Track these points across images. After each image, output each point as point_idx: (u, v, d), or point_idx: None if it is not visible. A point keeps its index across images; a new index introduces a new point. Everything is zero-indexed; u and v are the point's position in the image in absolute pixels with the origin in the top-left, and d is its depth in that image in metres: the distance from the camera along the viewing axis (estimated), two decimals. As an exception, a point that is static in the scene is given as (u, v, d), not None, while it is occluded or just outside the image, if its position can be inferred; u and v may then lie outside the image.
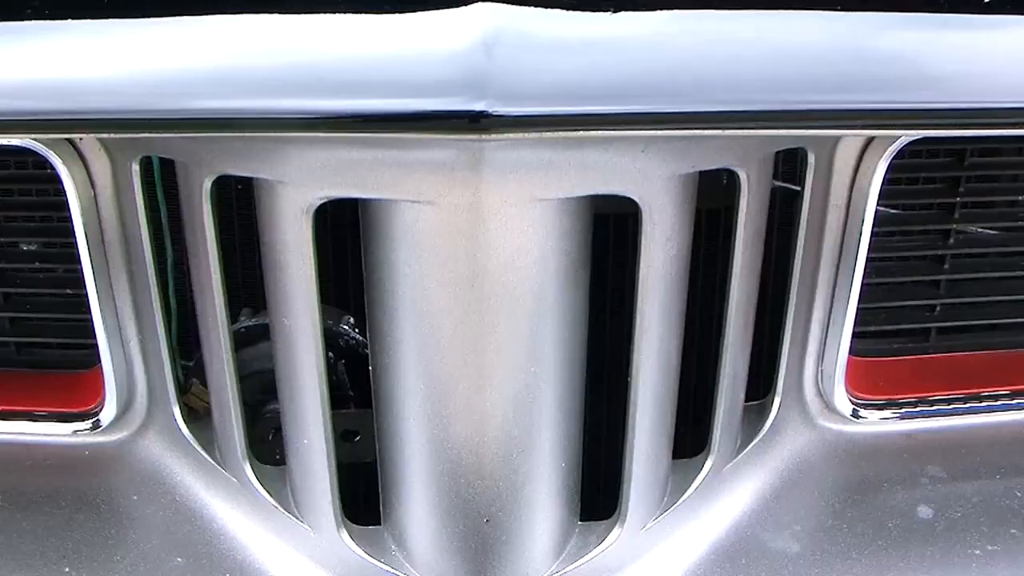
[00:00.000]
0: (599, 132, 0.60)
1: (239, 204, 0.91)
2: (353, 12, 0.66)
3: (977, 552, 0.85)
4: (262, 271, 0.72)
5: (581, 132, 0.59)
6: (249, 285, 0.92)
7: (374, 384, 0.75)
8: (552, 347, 0.70)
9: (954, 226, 0.93)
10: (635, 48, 0.62)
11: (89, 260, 0.81)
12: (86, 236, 0.80)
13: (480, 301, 0.66)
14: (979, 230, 0.96)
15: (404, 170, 0.61)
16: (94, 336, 0.85)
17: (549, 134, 0.59)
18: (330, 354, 0.85)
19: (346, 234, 0.86)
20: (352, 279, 0.88)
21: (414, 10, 0.65)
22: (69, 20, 0.68)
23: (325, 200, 0.64)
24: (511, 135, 0.58)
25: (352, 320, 0.93)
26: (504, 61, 0.59)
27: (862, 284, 0.85)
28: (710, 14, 0.67)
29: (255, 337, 0.92)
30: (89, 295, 0.83)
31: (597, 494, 0.83)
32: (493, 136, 0.57)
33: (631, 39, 0.63)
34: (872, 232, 0.82)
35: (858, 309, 0.86)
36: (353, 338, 0.92)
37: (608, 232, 0.80)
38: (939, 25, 0.70)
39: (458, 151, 0.59)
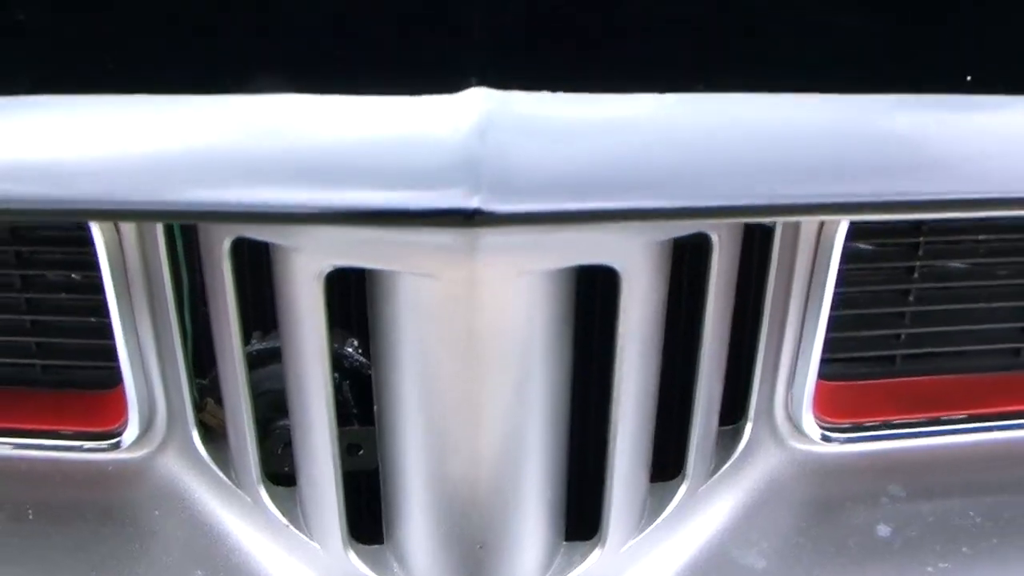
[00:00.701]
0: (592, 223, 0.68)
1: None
2: (346, 93, 0.74)
3: (929, 569, 0.95)
4: (277, 321, 0.80)
5: (574, 225, 0.67)
6: (258, 308, 1.00)
7: (379, 423, 0.83)
8: (539, 394, 0.79)
9: (918, 263, 1.01)
10: (633, 147, 0.69)
11: (113, 289, 0.89)
12: (110, 267, 0.88)
13: (474, 358, 0.74)
14: (944, 264, 1.04)
15: (406, 248, 0.70)
16: (116, 360, 0.93)
17: (542, 227, 0.67)
18: (336, 375, 0.94)
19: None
20: (355, 302, 0.96)
21: (410, 91, 0.73)
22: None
23: (335, 268, 0.73)
24: (504, 229, 0.66)
25: (356, 342, 1.01)
26: (498, 157, 0.67)
27: (830, 316, 0.93)
28: (702, 98, 0.75)
29: (265, 359, 1.00)
30: (112, 323, 0.91)
31: (580, 517, 0.92)
32: (487, 230, 0.65)
33: (630, 135, 0.70)
34: (840, 268, 0.91)
35: (826, 339, 0.95)
36: (357, 360, 1.00)
37: (591, 288, 0.89)
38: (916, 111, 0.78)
39: (455, 237, 0.68)
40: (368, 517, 0.92)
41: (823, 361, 0.96)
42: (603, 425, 0.85)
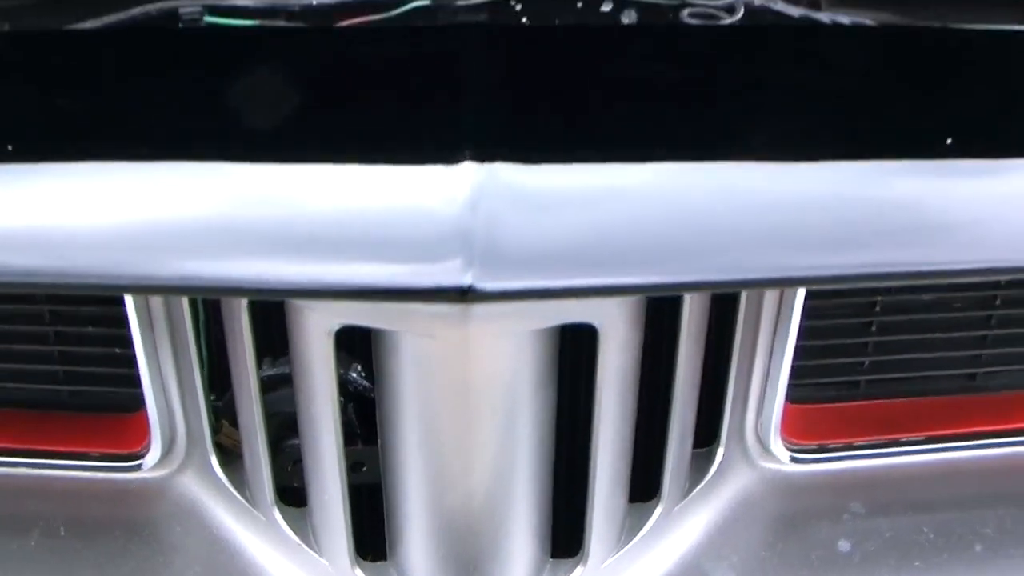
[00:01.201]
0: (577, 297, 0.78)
1: None
2: (345, 164, 0.83)
3: (883, 582, 1.05)
4: (292, 371, 0.90)
5: (561, 299, 0.77)
6: (268, 336, 1.09)
7: (383, 457, 0.93)
8: (526, 434, 0.88)
9: (880, 297, 1.11)
10: (616, 221, 0.78)
11: (136, 323, 0.99)
12: (134, 304, 0.98)
13: (468, 403, 0.84)
14: (904, 298, 1.14)
15: (407, 312, 0.79)
16: (140, 386, 1.03)
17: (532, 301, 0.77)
18: (341, 398, 1.03)
19: None
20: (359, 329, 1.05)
21: (406, 164, 0.82)
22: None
23: (344, 326, 0.83)
24: (496, 303, 0.75)
25: (360, 367, 1.11)
26: (490, 231, 0.76)
27: (796, 345, 1.03)
28: (682, 169, 0.84)
29: (277, 384, 1.10)
30: (136, 352, 1.01)
31: (565, 536, 1.02)
32: (480, 304, 0.75)
33: (614, 208, 0.79)
34: (805, 303, 1.00)
35: (793, 367, 1.05)
36: (361, 384, 1.10)
37: (574, 337, 0.98)
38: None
39: (451, 307, 0.77)
40: (373, 536, 1.02)
41: (791, 386, 1.06)
42: (585, 455, 0.95)
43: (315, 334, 0.84)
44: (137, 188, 0.86)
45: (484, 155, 0.83)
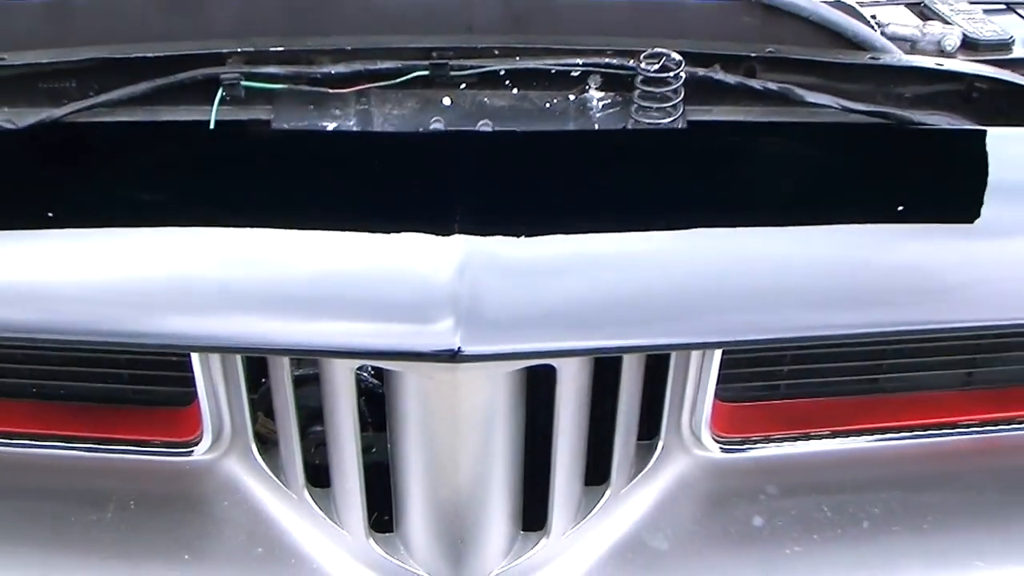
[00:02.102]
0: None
1: None
2: (346, 231, 1.10)
3: (787, 551, 1.34)
4: (321, 391, 1.19)
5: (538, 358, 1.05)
6: None
7: (392, 459, 1.23)
8: (502, 441, 1.17)
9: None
10: (586, 288, 1.06)
11: None
12: None
13: (457, 421, 1.13)
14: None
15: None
16: (194, 385, 1.32)
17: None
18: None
19: None
20: None
21: (402, 234, 1.09)
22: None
23: (363, 366, 1.11)
24: (481, 364, 1.04)
25: (371, 368, 1.39)
26: (476, 299, 1.04)
27: (723, 357, 1.32)
28: (651, 240, 1.12)
29: (304, 381, 1.38)
30: (191, 358, 1.29)
31: (533, 514, 1.32)
32: (466, 365, 1.04)
33: (587, 276, 1.07)
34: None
35: (720, 373, 1.33)
36: (372, 381, 1.39)
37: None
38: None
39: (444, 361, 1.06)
40: (383, 514, 1.32)
41: (719, 389, 1.35)
42: (548, 451, 1.24)
43: (339, 371, 1.13)
44: (183, 259, 1.15)
45: (471, 229, 1.11)
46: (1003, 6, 1.92)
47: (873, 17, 1.77)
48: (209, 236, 1.19)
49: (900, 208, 1.30)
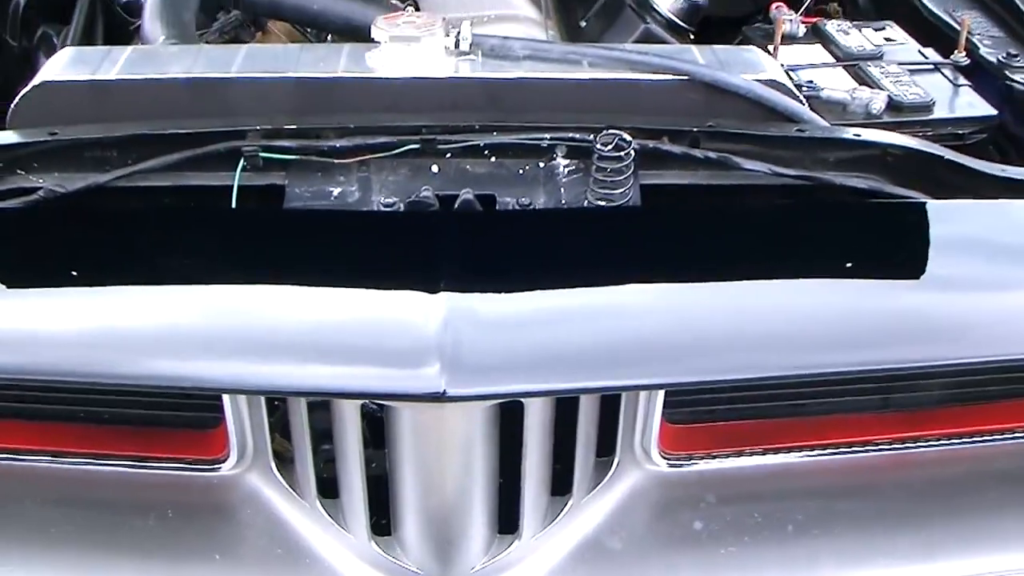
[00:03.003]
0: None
1: None
2: (349, 288, 1.40)
3: (722, 552, 1.63)
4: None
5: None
6: None
7: (390, 476, 1.52)
8: (481, 464, 1.47)
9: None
10: (553, 339, 1.35)
11: None
12: None
13: (443, 443, 1.42)
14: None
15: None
16: (222, 411, 1.61)
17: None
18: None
19: None
20: None
21: (397, 290, 1.39)
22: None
23: (367, 403, 1.41)
24: (463, 403, 1.34)
25: None
26: (462, 350, 1.33)
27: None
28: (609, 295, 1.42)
29: (316, 407, 1.66)
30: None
31: (507, 519, 1.61)
32: (451, 404, 1.33)
33: (554, 328, 1.37)
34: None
35: (666, 400, 1.63)
36: (371, 405, 1.68)
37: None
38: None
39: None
40: (383, 520, 1.61)
41: (666, 413, 1.64)
42: (518, 467, 1.54)
43: (346, 407, 1.43)
44: (215, 314, 1.44)
45: (454, 289, 1.41)
46: (931, 67, 2.23)
47: (810, 82, 2.07)
48: (236, 294, 1.49)
49: (825, 262, 1.59)
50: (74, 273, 1.57)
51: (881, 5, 2.65)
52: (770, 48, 2.16)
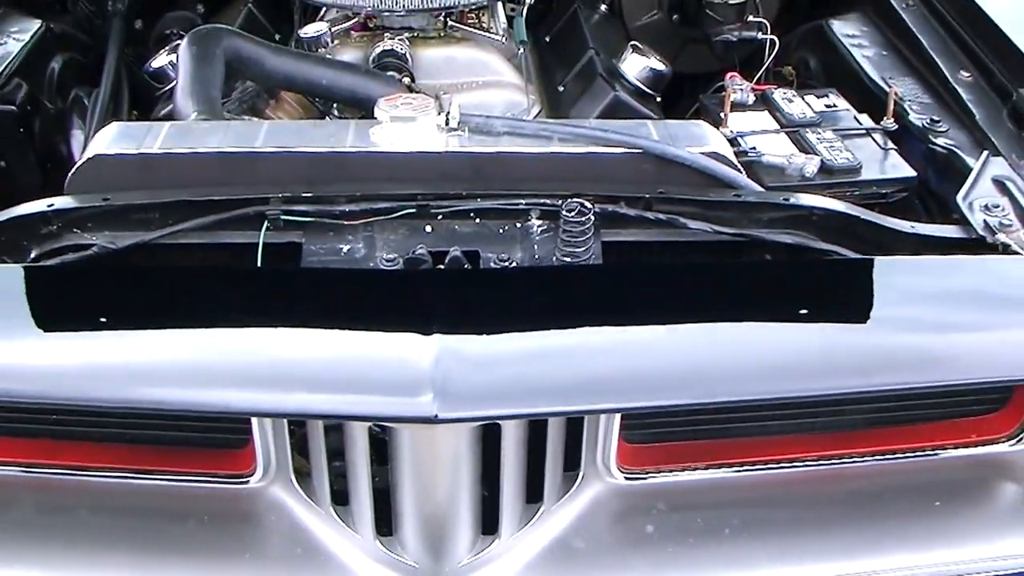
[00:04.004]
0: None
1: None
2: (343, 329, 1.79)
3: (669, 550, 2.00)
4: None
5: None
6: None
7: (391, 481, 1.90)
8: (467, 475, 1.84)
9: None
10: (525, 374, 1.74)
11: None
12: None
13: (436, 462, 1.80)
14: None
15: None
16: (251, 433, 1.98)
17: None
18: (362, 441, 2.00)
19: None
20: None
21: (395, 331, 1.78)
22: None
23: (372, 426, 1.79)
24: (451, 424, 1.72)
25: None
26: (450, 382, 1.71)
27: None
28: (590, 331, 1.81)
29: (330, 429, 2.04)
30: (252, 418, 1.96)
31: (489, 521, 1.98)
32: (441, 425, 1.72)
33: (529, 366, 1.75)
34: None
35: (622, 423, 2.00)
36: (376, 429, 2.06)
37: None
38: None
39: (426, 422, 1.73)
40: (387, 521, 1.99)
41: (624, 433, 2.02)
42: (498, 478, 1.91)
43: (355, 429, 1.81)
44: (250, 352, 1.83)
45: (445, 331, 1.79)
46: (864, 132, 2.63)
47: (754, 148, 2.47)
48: (265, 336, 1.86)
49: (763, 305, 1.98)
50: (125, 317, 1.95)
51: (829, 71, 3.06)
52: (722, 114, 2.56)
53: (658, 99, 2.96)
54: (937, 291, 1.98)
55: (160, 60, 2.88)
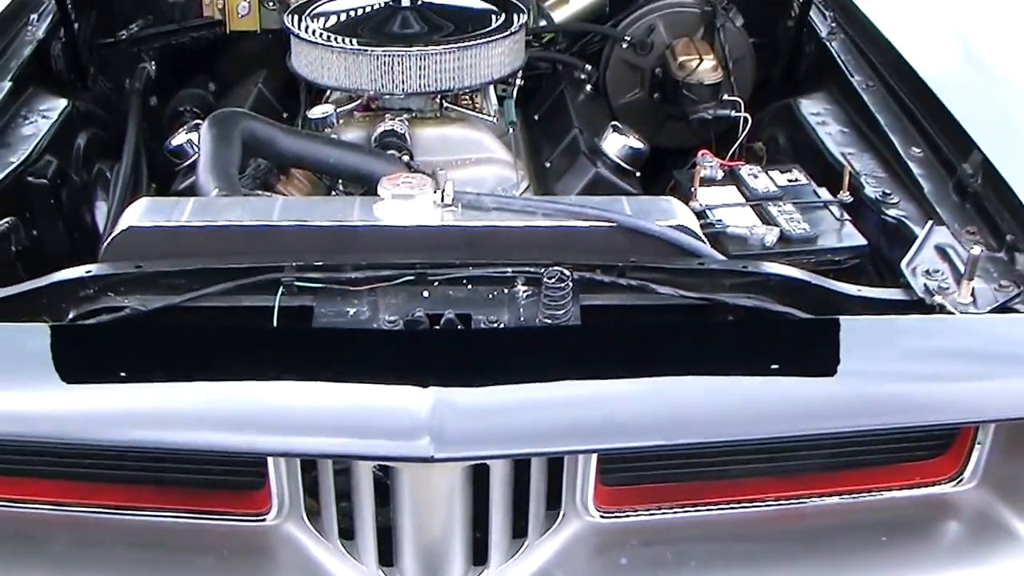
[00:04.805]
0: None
1: None
2: (351, 382, 2.11)
3: (642, 581, 2.30)
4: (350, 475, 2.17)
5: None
6: None
7: (392, 516, 2.20)
8: (460, 510, 2.13)
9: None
10: (505, 423, 2.05)
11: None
12: None
13: (432, 498, 2.10)
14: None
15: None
16: (267, 476, 2.28)
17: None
18: (366, 483, 2.30)
19: None
20: None
21: (397, 384, 2.09)
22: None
23: (375, 470, 2.09)
24: (445, 464, 2.03)
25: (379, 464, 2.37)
26: (444, 428, 2.02)
27: (599, 459, 2.29)
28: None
29: (339, 472, 2.34)
30: (268, 461, 2.26)
31: (479, 554, 2.27)
32: (436, 464, 2.02)
33: (511, 417, 2.06)
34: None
35: (599, 468, 2.30)
36: (379, 473, 2.36)
37: None
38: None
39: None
40: (388, 554, 2.28)
41: (600, 476, 2.32)
42: (487, 514, 2.21)
43: (361, 467, 2.12)
44: (270, 401, 2.15)
45: (440, 385, 2.10)
46: (821, 204, 2.96)
47: (719, 220, 2.80)
48: (281, 388, 2.15)
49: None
50: (157, 370, 2.25)
51: (796, 146, 3.40)
52: (692, 189, 2.90)
53: (637, 174, 3.29)
54: (876, 347, 2.28)
55: (179, 138, 3.21)
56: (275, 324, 2.36)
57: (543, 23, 3.70)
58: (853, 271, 2.75)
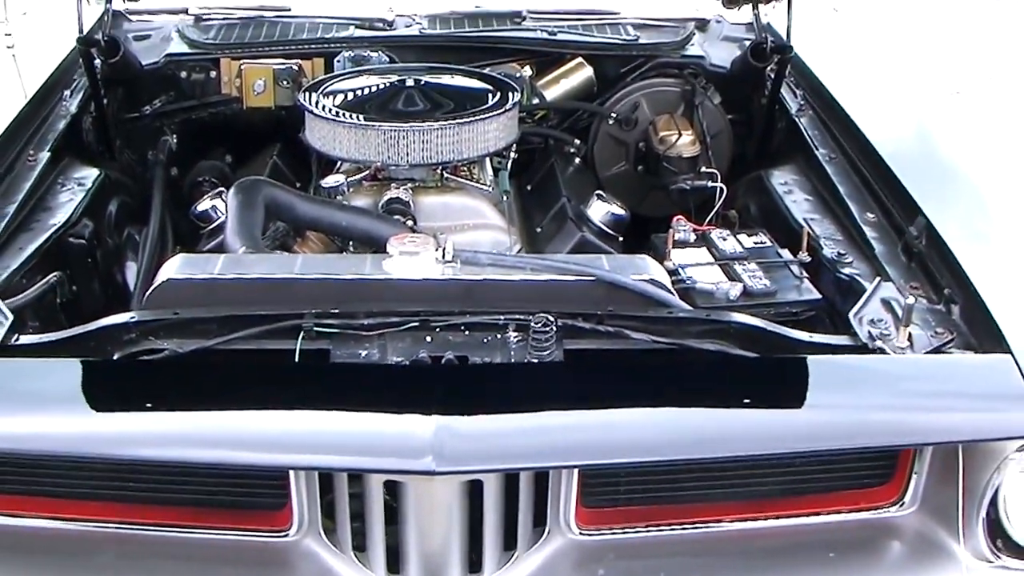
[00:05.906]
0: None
1: None
2: (367, 411, 2.54)
3: (621, 597, 2.69)
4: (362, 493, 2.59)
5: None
6: None
7: (399, 533, 2.61)
8: (458, 521, 2.54)
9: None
10: (500, 447, 2.48)
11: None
12: None
13: (433, 509, 2.50)
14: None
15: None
16: (289, 495, 2.69)
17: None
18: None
19: None
20: None
21: (405, 412, 2.52)
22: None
23: (384, 483, 2.52)
24: (445, 478, 2.45)
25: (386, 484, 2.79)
26: (444, 448, 2.43)
27: (580, 478, 2.72)
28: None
29: (353, 496, 2.76)
30: (290, 479, 2.68)
31: (474, 563, 2.67)
32: (438, 478, 2.45)
33: (505, 441, 2.48)
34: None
35: (580, 491, 2.72)
36: (387, 496, 2.77)
37: None
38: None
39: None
40: (396, 563, 2.68)
41: (580, 498, 2.73)
42: (480, 527, 2.62)
43: (374, 482, 2.55)
44: (294, 427, 2.59)
45: (441, 412, 2.53)
46: (783, 263, 3.41)
47: (690, 277, 3.25)
48: (303, 415, 2.58)
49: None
50: (194, 401, 2.67)
51: (764, 213, 3.85)
52: (666, 250, 3.35)
53: (620, 239, 3.74)
54: (822, 381, 2.72)
55: (204, 204, 3.66)
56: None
57: (536, 101, 4.08)
58: (809, 322, 3.17)
